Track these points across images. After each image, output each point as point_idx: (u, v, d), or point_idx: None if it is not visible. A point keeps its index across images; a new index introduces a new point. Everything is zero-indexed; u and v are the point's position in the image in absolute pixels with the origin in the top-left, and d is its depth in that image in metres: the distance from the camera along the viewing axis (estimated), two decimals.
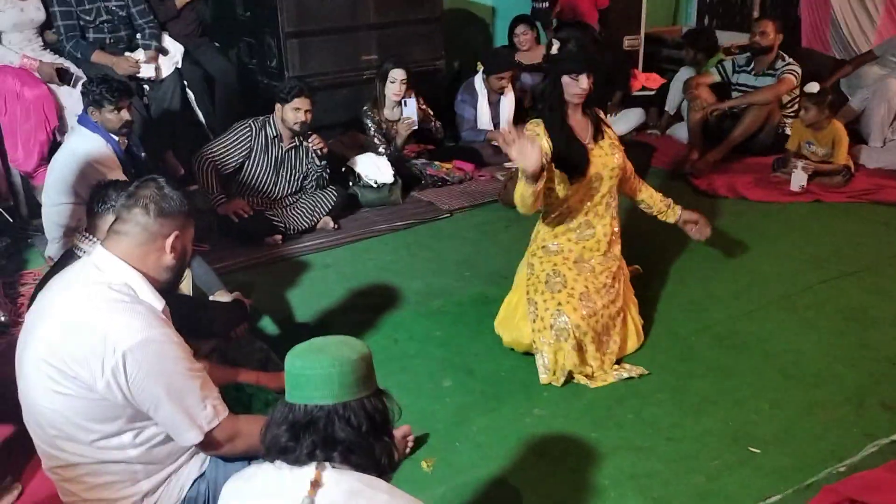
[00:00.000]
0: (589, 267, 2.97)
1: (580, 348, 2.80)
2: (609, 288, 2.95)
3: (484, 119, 5.37)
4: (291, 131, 4.07)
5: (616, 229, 3.08)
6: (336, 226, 4.22)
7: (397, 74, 4.73)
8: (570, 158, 2.87)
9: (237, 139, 4.01)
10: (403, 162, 4.84)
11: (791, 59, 5.16)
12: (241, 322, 2.67)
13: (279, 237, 4.02)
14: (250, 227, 3.96)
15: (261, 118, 4.10)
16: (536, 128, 2.92)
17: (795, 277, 3.61)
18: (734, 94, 5.42)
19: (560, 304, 2.82)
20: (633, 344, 3.02)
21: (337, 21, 5.07)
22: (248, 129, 4.03)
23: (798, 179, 4.66)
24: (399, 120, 4.86)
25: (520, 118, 5.52)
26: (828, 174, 4.73)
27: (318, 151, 4.12)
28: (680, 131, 5.74)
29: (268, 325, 3.28)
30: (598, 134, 2.98)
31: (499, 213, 4.49)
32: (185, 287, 2.77)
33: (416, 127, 4.78)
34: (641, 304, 3.25)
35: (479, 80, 5.35)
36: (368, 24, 5.19)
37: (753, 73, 5.29)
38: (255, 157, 4.06)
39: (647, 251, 3.79)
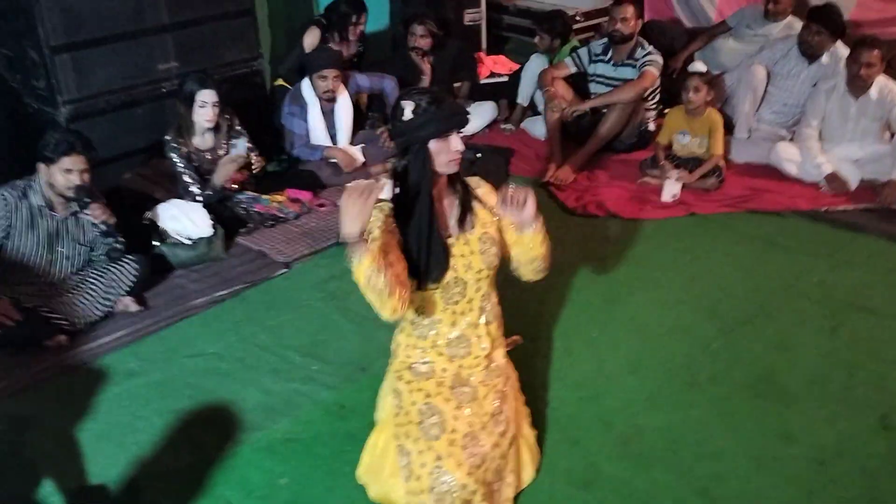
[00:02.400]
0: (470, 392, 2.34)
1: None
2: (497, 416, 2.34)
3: (318, 133, 4.55)
4: (64, 197, 3.12)
5: (496, 332, 2.46)
6: (140, 307, 3.35)
7: (207, 97, 3.83)
8: (422, 261, 2.20)
9: None
10: (224, 201, 3.98)
11: (651, 48, 4.71)
12: None
13: (63, 337, 3.10)
14: (21, 333, 3.01)
15: (20, 184, 3.11)
16: (380, 214, 2.22)
17: (688, 334, 3.17)
18: (592, 85, 4.92)
19: (440, 457, 2.18)
20: (529, 474, 2.45)
21: (119, 25, 4.02)
22: (0, 201, 3.03)
23: (670, 190, 4.25)
24: (213, 149, 3.99)
25: (359, 125, 4.79)
26: (700, 178, 4.36)
27: (102, 227, 3.19)
28: (535, 126, 5.21)
29: (51, 496, 2.44)
30: (465, 216, 2.31)
31: (346, 262, 3.75)
32: None
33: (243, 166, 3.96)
34: (528, 391, 2.69)
35: (306, 87, 4.51)
36: (161, 26, 4.18)
37: (612, 63, 4.80)
38: (17, 235, 3.08)
39: (523, 306, 3.23)
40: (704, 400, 2.80)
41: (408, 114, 2.18)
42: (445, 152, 2.17)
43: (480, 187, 2.39)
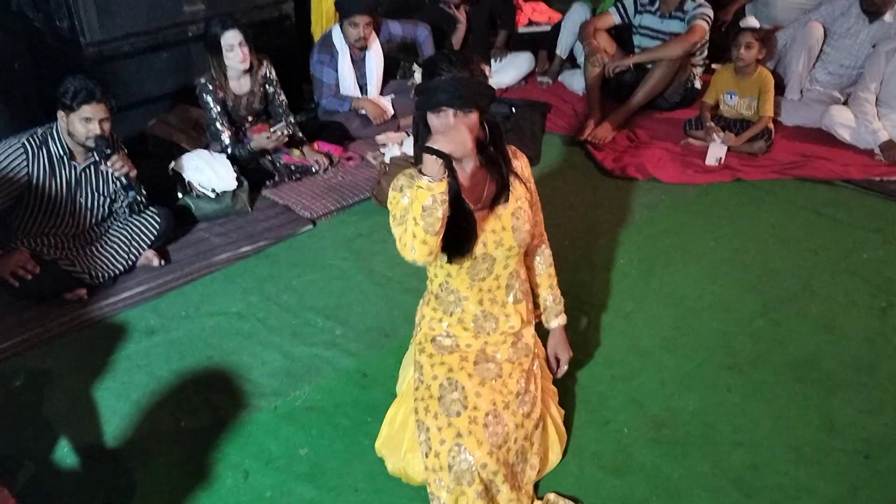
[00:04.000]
0: (495, 369, 2.23)
1: (488, 490, 2.11)
2: (523, 395, 2.23)
3: (347, 82, 4.39)
4: (84, 147, 3.01)
5: (525, 311, 2.33)
6: (162, 261, 3.27)
7: (232, 38, 3.68)
8: (448, 230, 2.06)
9: (6, 166, 2.91)
10: (252, 155, 3.86)
11: (701, 0, 4.43)
12: None
13: (83, 291, 3.04)
14: (40, 286, 2.95)
15: (40, 131, 3.00)
16: (411, 181, 2.07)
17: (729, 311, 3.02)
18: (636, 37, 4.68)
19: (460, 434, 2.08)
20: (555, 455, 2.34)
21: None
22: (20, 151, 2.93)
23: (715, 153, 4.05)
24: (251, 93, 3.87)
25: (391, 75, 4.62)
26: (748, 141, 4.14)
27: (123, 179, 3.08)
28: (573, 80, 5.01)
29: (66, 455, 2.40)
30: (501, 195, 2.15)
31: (373, 220, 3.65)
32: None
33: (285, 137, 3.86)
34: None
35: (337, 34, 4.33)
36: None
37: (659, 14, 4.55)
38: (37, 185, 2.99)
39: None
40: (743, 383, 2.66)
41: (417, 77, 2.04)
42: (439, 130, 1.96)
43: (516, 158, 2.23)
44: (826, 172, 3.97)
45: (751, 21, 4.17)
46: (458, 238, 2.08)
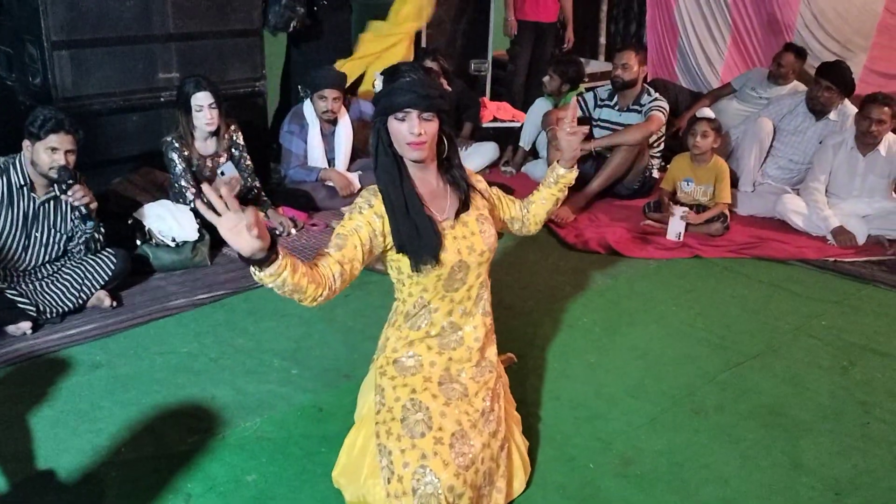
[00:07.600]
0: (460, 388, 2.16)
1: None
2: (488, 415, 2.15)
3: (316, 154, 4.45)
4: (47, 178, 2.97)
5: (489, 325, 2.30)
6: (114, 303, 3.16)
7: (202, 100, 3.73)
8: (411, 241, 2.06)
9: None
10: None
11: (657, 95, 4.67)
12: None
13: (27, 325, 2.90)
14: None
15: (1, 160, 2.97)
16: (372, 198, 2.09)
17: (693, 364, 2.99)
18: (596, 130, 4.87)
19: (425, 456, 1.97)
20: (519, 483, 2.23)
21: (124, 29, 3.97)
22: None
23: (675, 227, 4.14)
24: (215, 156, 3.89)
25: (358, 154, 4.71)
26: (706, 222, 4.25)
27: (82, 209, 3.03)
28: (536, 169, 5.14)
29: None
30: (464, 206, 2.18)
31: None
32: None
33: (239, 188, 3.85)
34: (520, 407, 2.51)
35: (308, 107, 4.43)
36: (166, 35, 4.12)
37: (617, 108, 4.76)
38: None
39: (517, 329, 3.11)
40: (710, 426, 2.60)
41: (378, 85, 2.07)
42: (402, 132, 1.99)
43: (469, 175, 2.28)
44: (782, 253, 4.06)
45: (706, 112, 4.39)
46: (421, 250, 2.06)
